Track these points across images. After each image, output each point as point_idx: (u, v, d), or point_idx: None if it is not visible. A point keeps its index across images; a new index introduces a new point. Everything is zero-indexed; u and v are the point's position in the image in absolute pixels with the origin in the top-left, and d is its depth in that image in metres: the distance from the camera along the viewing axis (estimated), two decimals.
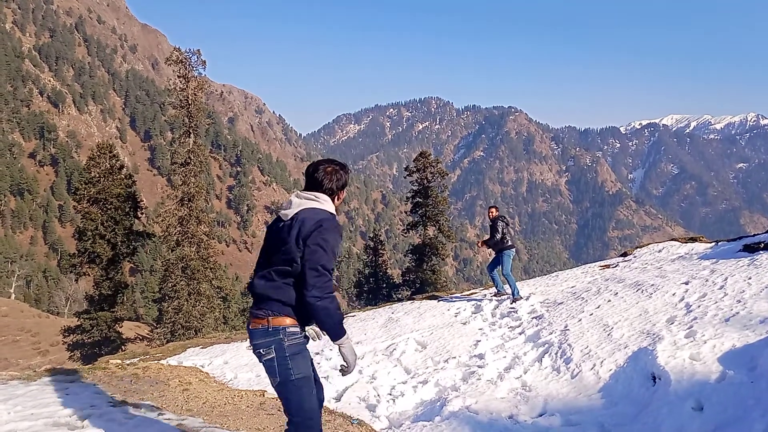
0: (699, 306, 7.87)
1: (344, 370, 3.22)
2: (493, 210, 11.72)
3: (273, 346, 3.09)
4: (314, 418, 3.21)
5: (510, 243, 11.55)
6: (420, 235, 38.22)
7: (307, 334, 3.27)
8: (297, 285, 3.09)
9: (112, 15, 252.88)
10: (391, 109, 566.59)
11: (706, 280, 9.20)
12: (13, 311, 50.55)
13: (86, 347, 29.49)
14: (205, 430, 4.71)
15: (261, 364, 3.18)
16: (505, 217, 11.70)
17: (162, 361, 10.07)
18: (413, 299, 15.83)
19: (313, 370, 3.45)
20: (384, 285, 40.79)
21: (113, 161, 29.58)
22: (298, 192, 3.33)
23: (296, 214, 3.17)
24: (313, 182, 3.33)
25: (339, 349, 3.16)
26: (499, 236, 11.35)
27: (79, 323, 30.10)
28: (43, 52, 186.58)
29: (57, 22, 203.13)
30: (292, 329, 3.12)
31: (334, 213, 3.30)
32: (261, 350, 3.13)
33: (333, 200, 3.35)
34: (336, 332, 3.09)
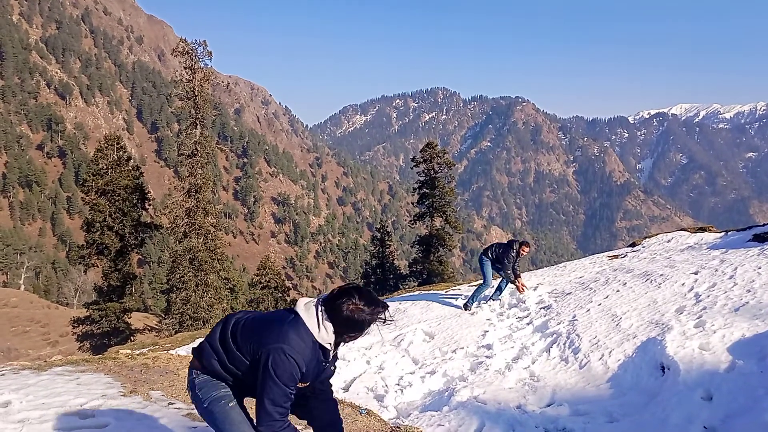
0: (708, 296, 7.84)
1: None
2: (527, 248, 11.24)
3: (187, 383, 3.19)
4: None
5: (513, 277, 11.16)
6: (427, 226, 38.18)
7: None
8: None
9: (118, 6, 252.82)
10: (398, 100, 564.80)
11: (716, 270, 9.16)
12: (23, 302, 50.94)
13: (95, 338, 29.72)
14: None
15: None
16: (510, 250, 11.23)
17: (171, 352, 10.13)
18: (421, 290, 15.84)
19: None
20: (391, 276, 40.82)
21: (120, 153, 29.67)
22: (319, 301, 2.98)
23: (286, 323, 2.92)
24: (331, 308, 2.90)
25: None
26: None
27: (88, 314, 30.31)
28: (50, 44, 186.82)
29: (63, 13, 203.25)
30: (201, 370, 3.13)
31: (324, 346, 2.95)
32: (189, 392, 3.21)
33: (339, 337, 2.97)
34: None
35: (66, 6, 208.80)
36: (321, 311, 2.90)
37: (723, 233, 14.14)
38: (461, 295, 12.50)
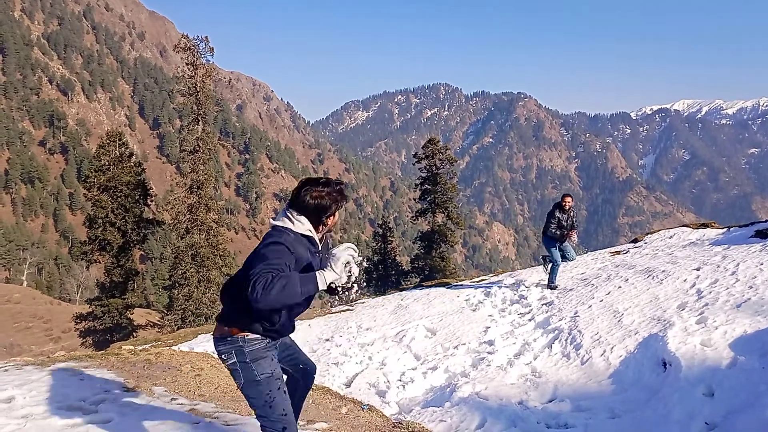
0: (710, 292, 7.84)
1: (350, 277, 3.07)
2: (570, 199, 10.99)
3: (233, 351, 3.10)
4: (286, 417, 3.16)
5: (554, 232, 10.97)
6: (429, 222, 38.19)
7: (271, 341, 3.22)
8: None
9: (120, 2, 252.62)
10: (400, 96, 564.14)
11: (718, 266, 9.16)
12: (26, 298, 51.10)
13: (98, 334, 29.76)
14: (217, 414, 4.75)
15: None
16: (565, 210, 11.00)
17: (174, 347, 10.16)
18: (422, 286, 15.86)
19: (297, 357, 3.54)
20: (393, 272, 40.85)
21: (122, 149, 29.67)
22: (284, 209, 3.17)
23: (270, 229, 3.16)
24: (297, 206, 3.11)
25: (329, 270, 2.91)
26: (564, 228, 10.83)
27: (90, 310, 30.35)
28: (52, 40, 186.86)
29: (65, 9, 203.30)
30: (252, 336, 3.10)
31: (308, 235, 3.11)
32: (223, 356, 3.15)
33: (317, 226, 3.14)
34: (308, 292, 2.84)
35: (68, 2, 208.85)
36: (289, 212, 3.10)
37: (725, 229, 14.13)
38: (463, 291, 12.51)
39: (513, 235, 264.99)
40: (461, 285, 13.81)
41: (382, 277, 40.48)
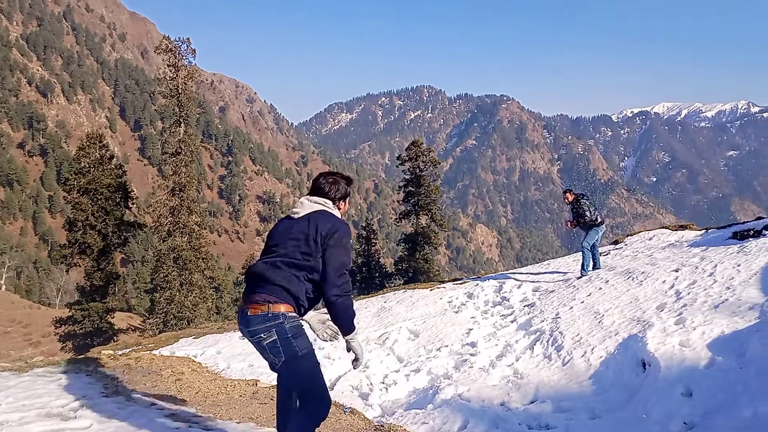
0: (689, 293, 7.93)
1: (355, 364, 3.54)
2: (569, 195, 11.51)
3: (274, 329, 3.18)
4: (326, 391, 3.39)
5: (600, 219, 11.31)
6: (412, 224, 38.23)
7: (318, 333, 3.54)
8: (307, 279, 3.27)
9: (101, 3, 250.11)
10: (383, 98, 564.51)
11: (696, 268, 9.26)
12: (4, 302, 50.36)
13: (78, 338, 29.40)
14: (197, 419, 4.71)
15: (260, 348, 3.26)
16: (585, 195, 11.50)
17: (154, 352, 10.07)
18: (405, 288, 15.86)
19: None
20: (377, 274, 40.85)
21: (103, 151, 29.35)
22: (308, 196, 3.56)
23: (309, 214, 3.39)
24: (317, 190, 3.56)
25: (349, 343, 3.42)
26: (590, 216, 11.12)
27: (70, 314, 29.97)
28: (31, 41, 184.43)
29: (45, 10, 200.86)
30: (291, 314, 3.23)
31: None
32: (262, 335, 3.19)
33: (336, 208, 3.57)
34: (349, 328, 3.35)
35: (47, 3, 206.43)
36: (316, 201, 3.49)
37: (703, 231, 14.29)
38: (446, 293, 12.53)
39: (496, 237, 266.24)
40: (444, 287, 13.83)
41: (365, 279, 40.46)
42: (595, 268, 11.34)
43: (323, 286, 3.23)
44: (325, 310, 3.46)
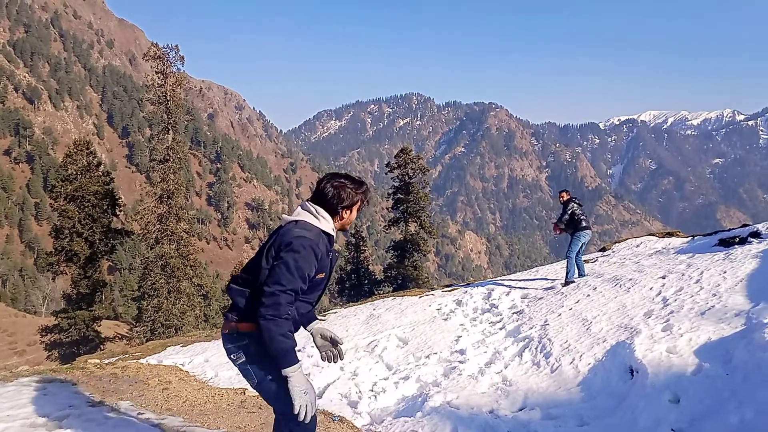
0: (676, 300, 7.98)
1: (294, 411, 2.86)
2: (564, 194, 11.64)
3: (242, 350, 3.02)
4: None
5: (585, 225, 11.36)
6: (401, 231, 38.25)
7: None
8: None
9: (89, 10, 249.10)
10: (372, 105, 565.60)
11: (683, 275, 9.33)
12: None
13: (64, 347, 29.13)
14: (185, 429, 4.68)
15: (236, 368, 3.11)
16: (577, 199, 11.59)
17: (141, 360, 9.99)
18: (394, 295, 15.86)
19: None
20: (366, 281, 40.78)
21: (90, 158, 29.19)
22: (305, 202, 3.15)
23: (289, 222, 3.04)
24: (316, 194, 3.14)
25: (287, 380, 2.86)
26: (576, 217, 11.25)
27: (56, 322, 29.70)
28: (18, 48, 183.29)
29: (32, 17, 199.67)
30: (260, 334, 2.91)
31: (329, 233, 3.09)
32: (232, 355, 3.07)
33: (334, 218, 3.13)
34: (278, 360, 2.83)
35: (35, 9, 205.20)
36: (310, 205, 3.09)
37: (690, 238, 14.41)
38: (435, 300, 12.54)
39: (485, 244, 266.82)
40: (433, 294, 13.84)
41: (354, 286, 40.38)
42: (580, 275, 11.43)
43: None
44: (338, 339, 3.34)
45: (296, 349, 2.87)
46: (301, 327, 3.34)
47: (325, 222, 3.06)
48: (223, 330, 3.10)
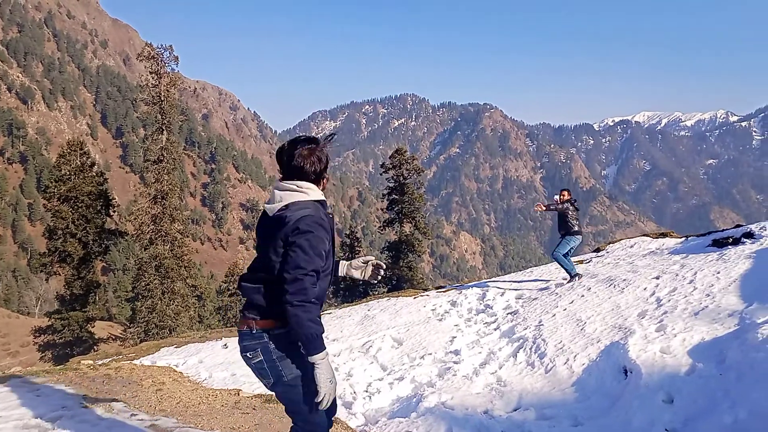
0: (669, 300, 8.01)
1: (317, 399, 2.78)
2: (566, 193, 11.54)
3: (259, 349, 2.91)
4: (317, 419, 3.01)
5: (576, 230, 11.37)
6: (396, 232, 38.25)
7: None
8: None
9: (82, 10, 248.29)
10: (367, 106, 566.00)
11: (676, 275, 9.36)
12: None
13: (57, 348, 29.00)
14: (178, 430, 4.66)
15: (249, 367, 3.00)
16: (576, 202, 11.60)
17: (135, 361, 9.95)
18: (389, 296, 15.85)
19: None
20: (360, 282, 40.71)
21: (84, 158, 29.09)
22: (279, 183, 2.95)
23: (281, 209, 2.86)
24: (291, 170, 2.93)
25: (313, 369, 2.76)
26: (555, 207, 11.34)
27: (50, 323, 29.58)
28: (11, 48, 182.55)
29: (25, 16, 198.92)
30: (278, 331, 2.89)
31: (322, 200, 2.96)
32: (248, 353, 2.95)
33: (318, 185, 2.99)
34: (307, 346, 2.74)
35: (28, 9, 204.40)
36: (290, 183, 2.91)
37: (683, 238, 14.46)
38: (429, 300, 12.54)
39: (480, 245, 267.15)
40: (428, 295, 13.84)
41: (349, 287, 40.33)
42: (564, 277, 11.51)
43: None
44: (365, 257, 3.22)
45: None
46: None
47: (314, 192, 2.92)
48: (240, 327, 2.99)
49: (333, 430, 5.12)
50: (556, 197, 11.58)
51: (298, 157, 2.91)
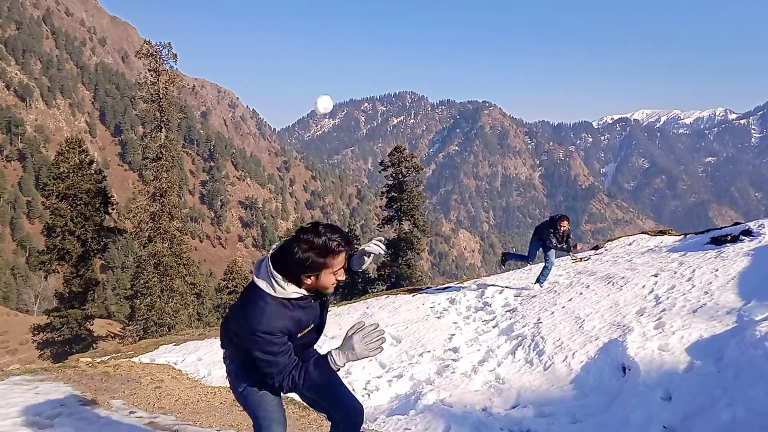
0: (668, 298, 8.02)
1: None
2: (566, 223, 11.08)
3: (226, 366, 3.24)
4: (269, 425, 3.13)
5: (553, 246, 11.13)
6: (395, 230, 38.25)
7: None
8: None
9: (81, 7, 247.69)
10: (366, 104, 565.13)
11: (675, 273, 9.37)
12: None
13: (56, 345, 29.02)
14: (177, 427, 4.66)
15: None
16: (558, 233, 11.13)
17: (134, 359, 9.95)
18: (388, 294, 15.86)
19: (337, 396, 3.38)
20: (359, 280, 40.74)
21: (82, 156, 29.06)
22: (267, 260, 2.83)
23: (242, 295, 2.92)
24: (280, 252, 2.83)
25: (343, 353, 2.82)
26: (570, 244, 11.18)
27: (48, 321, 29.61)
28: (10, 45, 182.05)
29: (24, 14, 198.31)
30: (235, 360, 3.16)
31: (287, 298, 2.80)
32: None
33: (298, 284, 2.80)
34: (323, 379, 2.84)
35: (26, 6, 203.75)
36: (268, 269, 2.78)
37: (682, 236, 14.47)
38: (428, 298, 12.55)
39: (479, 243, 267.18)
40: (426, 292, 13.85)
41: (348, 284, 40.34)
42: (538, 281, 11.43)
43: None
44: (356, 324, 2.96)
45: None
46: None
47: (284, 291, 2.76)
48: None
49: None
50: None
51: (294, 245, 2.73)
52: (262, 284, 2.79)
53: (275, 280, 2.75)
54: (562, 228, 10.91)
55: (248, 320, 2.77)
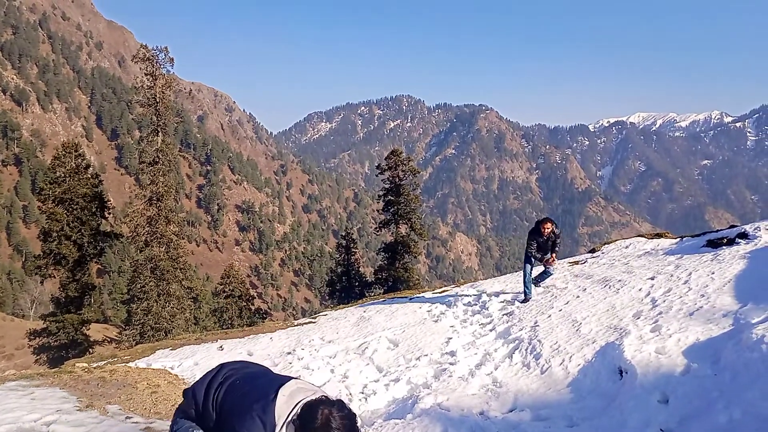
0: (664, 301, 8.02)
1: None
2: (551, 225, 10.68)
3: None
4: None
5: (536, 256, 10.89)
6: (392, 233, 38.25)
7: None
8: None
9: (77, 11, 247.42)
10: (363, 107, 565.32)
11: (671, 276, 9.37)
12: None
13: (52, 350, 28.90)
14: None
15: None
16: (541, 239, 10.83)
17: (130, 364, 9.92)
18: (385, 297, 15.84)
19: None
20: (356, 283, 40.74)
21: (79, 160, 29.01)
22: (303, 399, 2.65)
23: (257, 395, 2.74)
24: (307, 408, 2.61)
25: None
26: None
27: (45, 326, 29.49)
28: (6, 50, 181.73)
29: (20, 18, 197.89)
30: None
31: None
32: None
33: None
34: None
35: (23, 11, 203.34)
36: (295, 409, 2.62)
37: (678, 239, 14.48)
38: (425, 302, 12.54)
39: (476, 246, 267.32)
40: (424, 296, 13.84)
41: (345, 288, 40.35)
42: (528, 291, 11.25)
43: None
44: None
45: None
46: None
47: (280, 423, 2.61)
48: None
49: None
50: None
51: (321, 410, 2.56)
52: (278, 413, 2.63)
53: (286, 426, 2.61)
54: (545, 231, 10.58)
55: (246, 421, 2.64)
